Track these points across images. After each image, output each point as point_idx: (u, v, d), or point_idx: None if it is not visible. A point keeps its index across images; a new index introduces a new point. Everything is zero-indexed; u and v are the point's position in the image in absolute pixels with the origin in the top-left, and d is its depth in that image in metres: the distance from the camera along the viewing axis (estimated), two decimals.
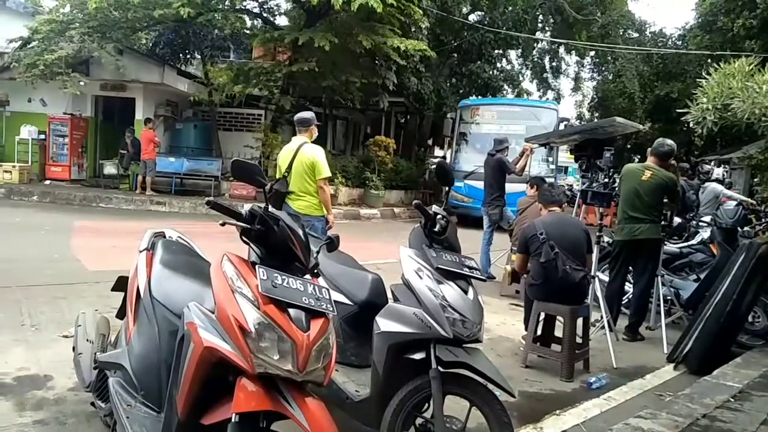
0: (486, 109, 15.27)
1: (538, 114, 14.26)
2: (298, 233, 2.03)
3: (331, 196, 5.38)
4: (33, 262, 6.13)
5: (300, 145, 5.18)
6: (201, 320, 1.88)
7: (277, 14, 16.79)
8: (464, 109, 15.41)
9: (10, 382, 3.15)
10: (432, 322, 2.43)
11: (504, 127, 13.52)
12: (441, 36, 19.15)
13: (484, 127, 14.49)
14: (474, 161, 12.50)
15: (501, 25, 20.12)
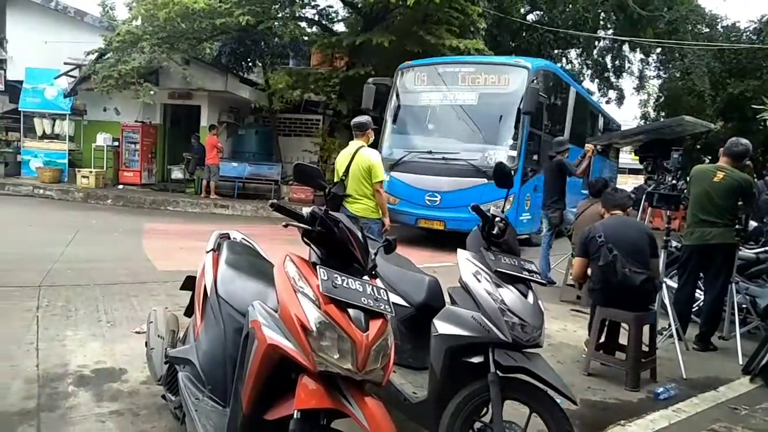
0: (430, 71, 10.26)
1: (500, 76, 9.63)
2: (357, 235, 2.06)
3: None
4: (109, 262, 6.52)
5: (357, 148, 5.27)
6: (265, 318, 1.94)
7: (335, 21, 17.09)
8: (404, 73, 10.49)
9: (89, 374, 3.37)
10: (490, 325, 2.41)
11: (451, 96, 9.72)
12: (498, 37, 18.91)
13: (424, 97, 10.05)
14: (407, 144, 9.72)
15: (560, 24, 19.66)
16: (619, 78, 25.94)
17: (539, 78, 9.57)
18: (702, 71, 19.49)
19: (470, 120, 9.57)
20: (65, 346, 3.77)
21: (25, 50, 15.08)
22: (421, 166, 9.34)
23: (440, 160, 9.19)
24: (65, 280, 5.45)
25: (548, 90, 10.14)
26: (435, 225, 9.18)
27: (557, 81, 11.28)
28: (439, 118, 9.93)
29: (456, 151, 9.19)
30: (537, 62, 10.17)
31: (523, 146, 9.20)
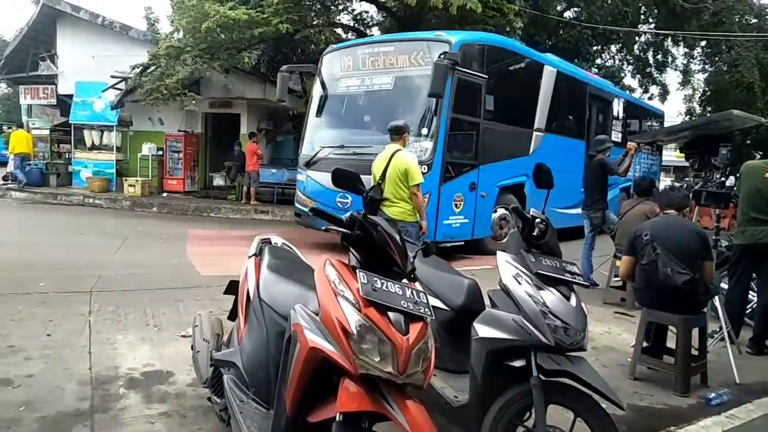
0: (350, 54, 8.92)
1: (417, 55, 8.06)
2: (396, 238, 2.07)
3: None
4: (155, 267, 6.73)
5: (393, 152, 5.30)
6: (306, 322, 1.97)
7: (370, 25, 17.22)
8: (326, 58, 9.21)
9: (138, 377, 3.48)
10: (532, 328, 2.37)
11: (368, 81, 8.42)
12: (535, 36, 18.62)
13: (342, 84, 8.76)
14: (324, 139, 8.54)
15: (599, 20, 19.20)
16: (662, 73, 25.14)
17: (468, 54, 8.00)
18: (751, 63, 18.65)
19: (386, 108, 8.14)
20: (116, 350, 3.91)
21: (75, 65, 15.77)
22: (333, 163, 7.87)
23: (351, 156, 7.86)
24: (115, 285, 5.65)
25: (490, 68, 8.45)
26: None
27: (510, 58, 9.35)
28: (354, 108, 8.62)
29: (368, 145, 7.65)
30: (465, 35, 8.52)
31: (440, 136, 7.60)
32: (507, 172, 8.93)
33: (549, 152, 9.57)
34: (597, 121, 12.23)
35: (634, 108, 14.69)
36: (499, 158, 8.75)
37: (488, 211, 8.67)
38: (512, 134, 9.24)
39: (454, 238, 8.09)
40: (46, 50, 16.97)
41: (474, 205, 8.27)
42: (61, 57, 16.46)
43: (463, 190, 8.12)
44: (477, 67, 8.26)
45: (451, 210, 7.92)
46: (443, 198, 7.71)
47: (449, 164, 7.78)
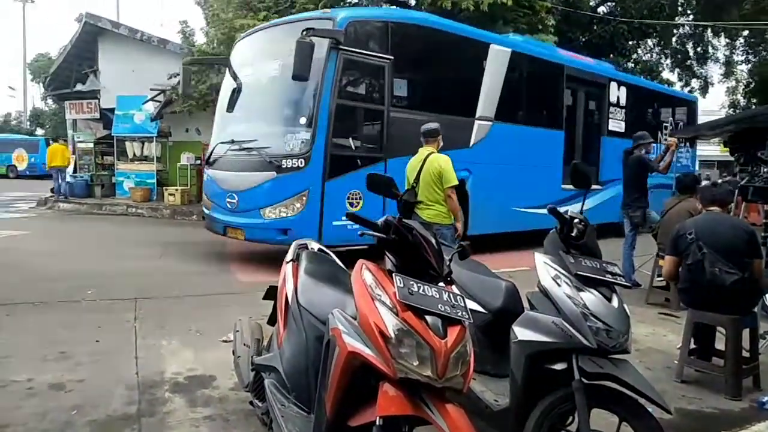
0: (249, 41, 8.28)
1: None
2: (431, 241, 2.07)
3: None
4: (196, 274, 6.90)
5: (427, 155, 5.30)
6: (344, 326, 1.98)
7: None
8: (236, 48, 8.61)
9: (182, 381, 3.57)
10: (573, 331, 2.33)
11: (260, 69, 7.69)
12: (568, 33, 18.34)
13: (242, 73, 7.91)
14: (224, 135, 7.81)
15: (635, 13, 18.78)
16: (703, 66, 24.37)
17: (361, 32, 7.18)
18: None
19: (273, 97, 7.57)
20: (161, 355, 4.02)
21: (116, 80, 16.32)
22: (225, 160, 7.56)
23: (239, 152, 7.29)
24: (158, 292, 5.82)
25: (397, 48, 7.42)
26: (238, 235, 7.27)
27: (430, 37, 8.01)
28: (248, 99, 7.83)
29: (254, 138, 7.14)
30: (356, 11, 7.73)
31: (321, 126, 6.71)
32: None
33: (503, 144, 8.72)
34: (584, 108, 11.03)
35: (649, 94, 13.16)
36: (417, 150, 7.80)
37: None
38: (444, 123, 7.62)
39: (351, 241, 6.60)
40: (89, 66, 17.61)
41: (381, 203, 6.95)
42: (102, 72, 17.07)
43: (363, 187, 7.17)
44: (376, 46, 7.28)
45: (345, 209, 6.88)
46: (330, 196, 6.79)
47: (336, 157, 6.86)
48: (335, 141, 6.87)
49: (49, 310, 5.11)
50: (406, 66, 7.71)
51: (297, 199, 6.70)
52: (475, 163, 8.23)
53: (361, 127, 7.50)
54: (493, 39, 9.01)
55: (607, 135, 11.18)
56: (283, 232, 6.74)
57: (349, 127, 7.29)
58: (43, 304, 5.29)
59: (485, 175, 8.37)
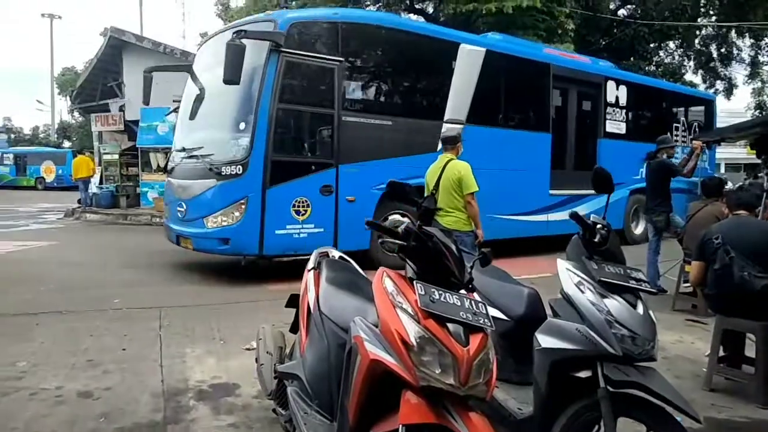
0: (205, 46, 8.43)
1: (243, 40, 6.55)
2: (452, 248, 2.07)
3: None
4: (220, 283, 6.97)
5: (446, 162, 5.30)
6: (366, 334, 1.99)
7: None
8: (197, 54, 8.97)
9: (206, 389, 3.61)
10: (597, 338, 2.30)
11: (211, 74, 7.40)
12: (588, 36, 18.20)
13: (199, 79, 7.90)
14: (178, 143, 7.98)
15: (655, 16, 18.54)
16: (728, 67, 23.92)
17: (306, 34, 6.94)
18: None
19: (218, 103, 7.34)
20: (185, 363, 4.07)
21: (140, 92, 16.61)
22: (178, 168, 7.55)
23: (188, 159, 7.28)
24: (182, 301, 5.90)
25: (348, 50, 7.25)
26: (188, 245, 7.10)
27: (387, 37, 7.74)
28: (200, 105, 7.70)
29: (200, 145, 7.12)
30: (301, 12, 7.44)
31: (259, 131, 6.48)
32: (397, 172, 6.93)
33: (478, 147, 7.88)
34: (577, 109, 10.38)
35: (657, 93, 12.31)
36: (378, 156, 7.35)
37: (360, 218, 7.24)
38: (404, 128, 7.67)
39: (298, 250, 6.75)
40: (114, 79, 18.02)
41: (334, 211, 7.01)
42: (127, 86, 17.45)
43: (310, 194, 6.83)
44: (325, 48, 7.03)
45: (290, 217, 6.71)
46: (272, 204, 6.56)
47: (279, 163, 6.63)
48: (277, 147, 6.65)
49: (77, 318, 5.21)
50: (360, 68, 7.52)
51: (236, 208, 6.48)
52: None
53: (308, 132, 7.28)
54: (463, 38, 8.63)
55: (603, 137, 10.53)
56: (224, 242, 6.57)
57: (294, 133, 7.14)
58: (71, 312, 5.40)
59: None
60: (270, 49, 6.52)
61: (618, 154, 10.40)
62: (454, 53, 8.29)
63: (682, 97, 13.11)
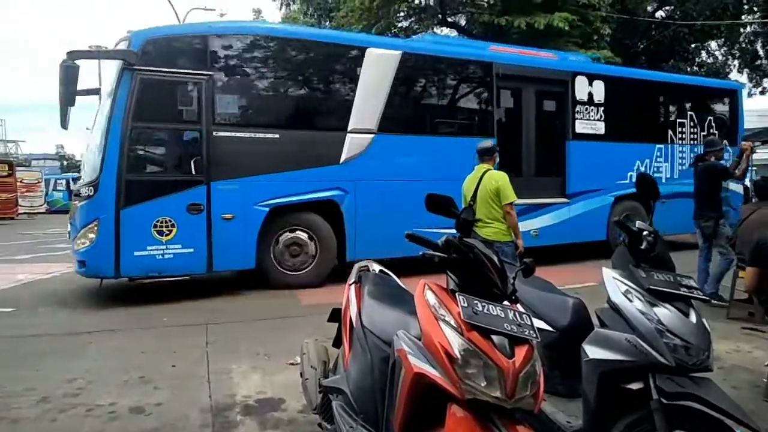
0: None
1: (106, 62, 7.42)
2: (493, 260, 2.05)
3: None
4: (260, 299, 7.09)
5: (483, 172, 5.28)
6: (410, 347, 1.98)
7: None
8: None
9: (253, 404, 3.67)
10: (648, 348, 2.23)
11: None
12: (625, 40, 17.86)
13: None
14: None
15: (696, 16, 18.04)
16: None
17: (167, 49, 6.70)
18: None
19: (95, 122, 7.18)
20: (231, 378, 4.15)
21: None
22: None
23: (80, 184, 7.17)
24: (226, 317, 6.02)
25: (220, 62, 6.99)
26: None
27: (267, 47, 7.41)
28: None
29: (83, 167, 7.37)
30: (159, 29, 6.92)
31: (111, 151, 6.31)
32: (288, 187, 7.22)
33: (398, 157, 7.84)
34: (535, 110, 9.36)
35: (651, 87, 10.71)
36: (263, 171, 7.06)
37: (240, 236, 6.91)
38: (295, 140, 7.32)
39: (163, 271, 6.65)
40: None
41: (206, 230, 6.75)
42: None
43: (175, 213, 6.59)
44: (190, 63, 6.80)
45: (151, 238, 6.48)
46: (128, 224, 6.36)
47: (135, 183, 6.47)
48: (132, 166, 6.50)
49: (128, 336, 5.39)
50: (235, 81, 7.16)
51: (90, 230, 6.35)
52: (353, 181, 7.58)
53: (170, 150, 7.02)
54: (371, 42, 8.22)
55: (573, 139, 9.44)
56: (82, 264, 6.51)
57: (154, 151, 6.95)
58: (122, 330, 5.59)
59: (372, 192, 7.64)
60: (122, 68, 6.40)
61: (595, 157, 9.44)
62: (357, 59, 7.80)
63: (691, 89, 11.57)
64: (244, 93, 7.29)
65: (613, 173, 9.69)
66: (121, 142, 6.36)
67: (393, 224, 7.32)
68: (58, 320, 6.08)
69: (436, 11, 16.37)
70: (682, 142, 10.69)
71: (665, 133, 10.54)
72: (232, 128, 7.05)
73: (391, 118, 7.98)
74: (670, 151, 10.50)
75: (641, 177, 2.77)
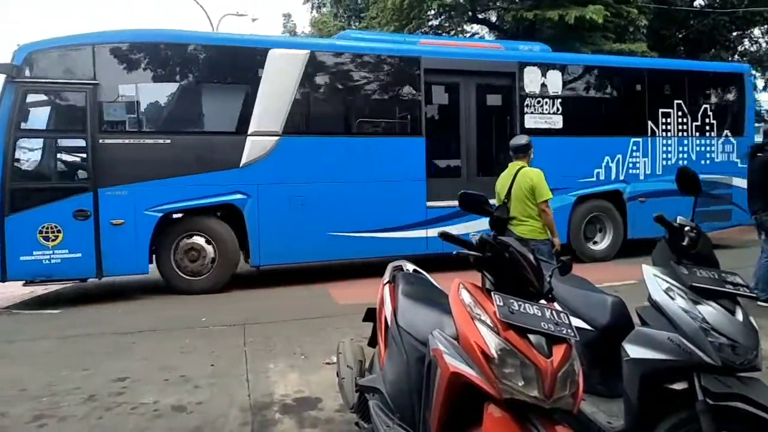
0: None
1: None
2: (529, 258, 2.03)
3: None
4: (296, 299, 7.19)
5: (517, 170, 5.22)
6: (445, 347, 1.98)
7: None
8: None
9: (291, 403, 3.72)
10: (692, 347, 2.16)
11: None
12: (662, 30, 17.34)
13: None
14: None
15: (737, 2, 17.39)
16: None
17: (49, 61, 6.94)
18: None
19: None
20: (269, 378, 4.21)
21: None
22: None
23: None
24: (263, 317, 6.12)
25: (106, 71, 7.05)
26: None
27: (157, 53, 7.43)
28: None
29: None
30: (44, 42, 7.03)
31: None
32: (182, 192, 7.25)
33: (307, 159, 7.69)
34: (476, 104, 8.84)
35: (624, 74, 9.86)
36: (154, 177, 7.12)
37: (131, 242, 7.05)
38: (188, 145, 7.36)
39: (51, 275, 6.90)
40: None
41: (93, 236, 6.92)
42: None
43: (61, 219, 6.79)
44: (76, 73, 7.00)
45: (37, 244, 6.69)
46: (13, 230, 6.62)
47: (18, 191, 6.70)
48: (16, 175, 6.71)
49: (168, 336, 5.53)
50: (122, 88, 7.21)
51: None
52: (256, 185, 7.53)
53: (54, 158, 7.15)
54: (274, 43, 8.03)
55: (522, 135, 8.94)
56: None
57: (38, 160, 7.07)
58: (162, 331, 5.74)
59: (278, 196, 7.58)
60: (6, 81, 6.70)
61: (550, 154, 8.29)
62: (258, 61, 7.65)
63: (680, 74, 10.25)
64: (131, 100, 7.30)
65: (574, 171, 9.00)
66: (4, 152, 6.61)
67: (302, 228, 7.63)
68: (100, 321, 6.28)
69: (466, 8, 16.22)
70: (667, 134, 9.71)
71: (644, 125, 9.60)
72: (119, 135, 7.19)
73: (298, 120, 7.89)
74: (650, 145, 9.58)
75: (681, 171, 2.68)
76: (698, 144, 9.97)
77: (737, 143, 10.11)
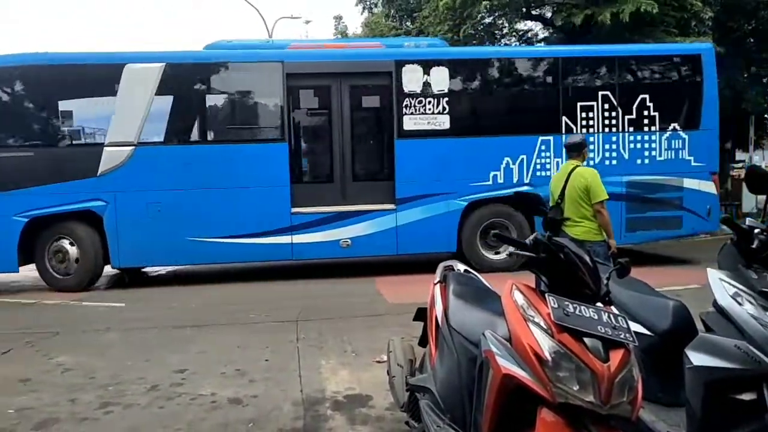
0: None
1: None
2: (585, 259, 1.98)
3: None
4: (348, 297, 7.26)
5: (572, 169, 5.08)
6: (498, 348, 1.96)
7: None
8: None
9: (342, 400, 3.77)
10: (761, 355, 2.06)
11: None
12: (729, 23, 16.45)
13: None
14: None
15: None
16: None
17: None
18: None
19: None
20: (321, 374, 4.29)
21: None
22: None
23: None
24: (315, 314, 6.23)
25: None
26: None
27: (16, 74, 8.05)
28: None
29: None
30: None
31: None
32: (46, 199, 7.78)
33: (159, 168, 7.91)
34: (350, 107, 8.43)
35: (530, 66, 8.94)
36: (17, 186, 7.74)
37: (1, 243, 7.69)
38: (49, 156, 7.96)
39: None
40: None
41: None
42: None
43: None
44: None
45: None
46: None
47: None
48: None
49: (225, 331, 5.72)
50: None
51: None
52: (113, 192, 7.88)
53: None
54: (130, 58, 8.15)
55: (402, 137, 8.22)
56: None
57: None
58: (220, 326, 5.94)
59: (135, 202, 7.86)
60: None
61: (436, 156, 8.15)
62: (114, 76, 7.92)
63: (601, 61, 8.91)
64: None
65: (465, 174, 8.31)
66: None
67: (160, 233, 7.94)
68: (160, 315, 6.56)
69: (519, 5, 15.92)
70: (587, 131, 8.39)
71: (556, 122, 8.47)
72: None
73: (154, 130, 8.08)
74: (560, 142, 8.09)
75: (750, 170, 2.55)
76: (631, 141, 8.61)
77: (689, 138, 8.63)
